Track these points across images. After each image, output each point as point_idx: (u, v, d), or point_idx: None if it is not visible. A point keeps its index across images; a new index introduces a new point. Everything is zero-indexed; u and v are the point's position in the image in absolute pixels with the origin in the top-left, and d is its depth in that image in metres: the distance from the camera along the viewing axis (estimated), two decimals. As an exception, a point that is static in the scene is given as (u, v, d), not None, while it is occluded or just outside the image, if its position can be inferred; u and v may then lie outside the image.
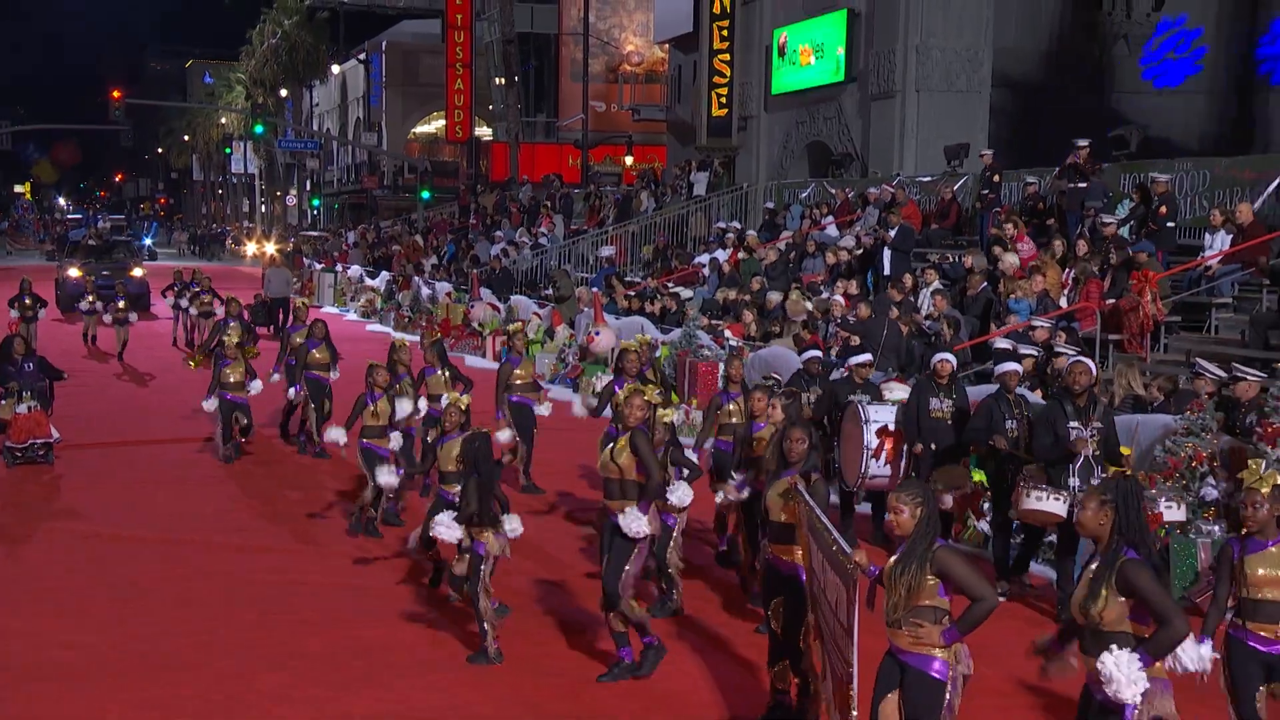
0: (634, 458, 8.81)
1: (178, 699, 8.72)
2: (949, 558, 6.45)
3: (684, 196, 33.92)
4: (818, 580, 7.64)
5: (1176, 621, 5.81)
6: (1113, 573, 5.92)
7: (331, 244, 51.90)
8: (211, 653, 9.63)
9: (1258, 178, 17.82)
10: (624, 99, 52.09)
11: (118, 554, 12.41)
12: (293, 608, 10.72)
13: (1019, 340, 14.79)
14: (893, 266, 19.76)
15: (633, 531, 8.69)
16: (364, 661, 9.46)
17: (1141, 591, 5.85)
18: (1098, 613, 5.93)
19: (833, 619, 7.12)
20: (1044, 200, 20.46)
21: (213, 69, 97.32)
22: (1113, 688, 5.76)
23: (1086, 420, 10.23)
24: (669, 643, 9.42)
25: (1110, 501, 6.04)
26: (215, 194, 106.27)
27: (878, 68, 29.63)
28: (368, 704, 8.69)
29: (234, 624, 10.29)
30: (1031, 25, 31.93)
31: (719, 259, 25.05)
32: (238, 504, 14.53)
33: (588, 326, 23.11)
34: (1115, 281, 16.32)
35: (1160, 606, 5.84)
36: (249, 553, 12.47)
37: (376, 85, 70.29)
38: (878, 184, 25.34)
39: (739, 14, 35.59)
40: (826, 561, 7.28)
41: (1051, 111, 30.46)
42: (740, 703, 8.75)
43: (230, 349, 16.38)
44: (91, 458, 16.64)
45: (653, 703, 8.76)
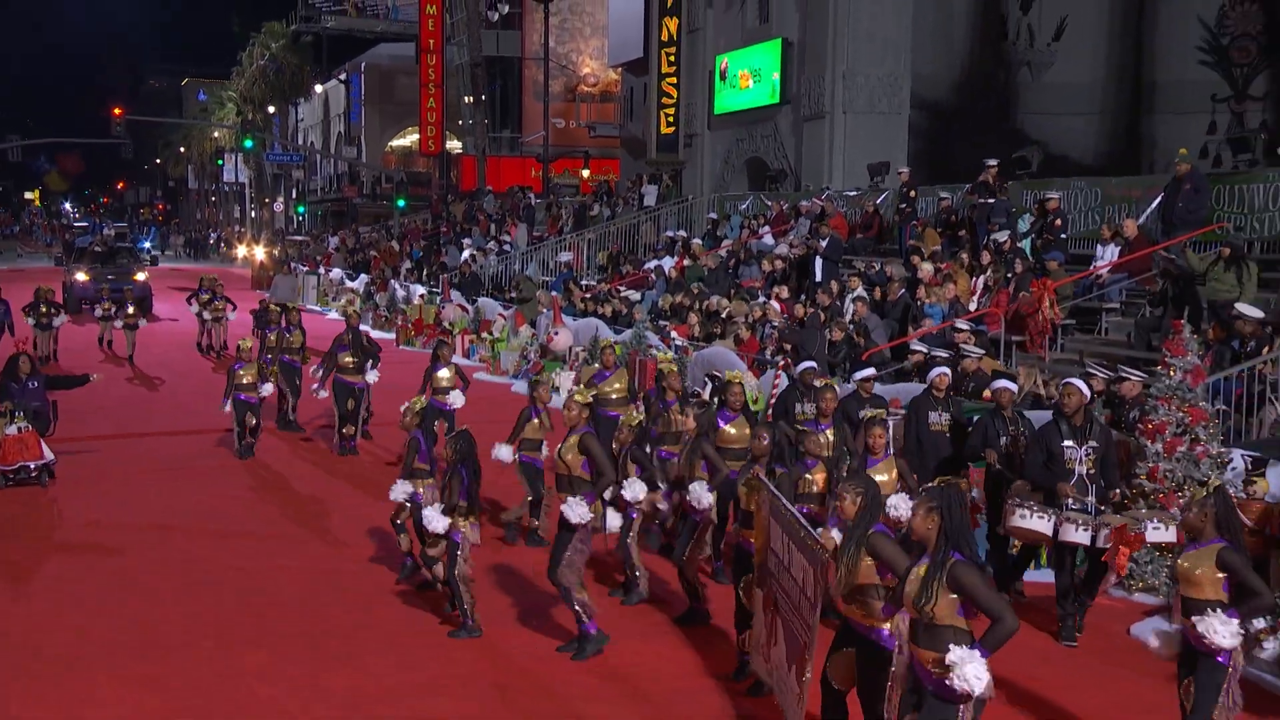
0: (581, 456, 9.06)
1: (165, 677, 8.68)
2: (879, 541, 6.67)
3: (635, 207, 33.92)
4: (776, 558, 7.89)
5: (1007, 617, 5.81)
6: (943, 573, 5.89)
7: (314, 248, 51.56)
8: (196, 634, 9.57)
9: (1143, 195, 18.01)
10: (581, 117, 51.99)
11: (113, 539, 12.34)
12: (272, 592, 10.67)
13: (933, 343, 14.96)
14: (823, 274, 19.81)
15: (572, 518, 8.87)
16: (340, 642, 9.43)
17: (970, 590, 5.84)
18: (930, 609, 5.91)
19: (799, 594, 7.33)
20: (956, 214, 20.59)
21: (206, 87, 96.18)
22: (960, 679, 5.72)
23: (1083, 440, 9.62)
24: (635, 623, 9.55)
25: (936, 508, 5.99)
26: (209, 201, 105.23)
27: (809, 91, 29.72)
28: (345, 681, 8.68)
29: (217, 607, 10.24)
30: (945, 53, 32.01)
31: (665, 266, 25.10)
32: (229, 494, 14.44)
33: (548, 327, 23.13)
34: (1017, 289, 16.50)
35: (989, 604, 5.84)
36: (232, 538, 12.40)
37: (356, 103, 70.07)
38: (809, 197, 25.40)
39: (685, 41, 35.62)
40: (793, 544, 7.49)
41: (963, 132, 30.53)
42: (712, 667, 8.96)
43: (244, 352, 16.28)
44: (94, 452, 16.40)
45: (608, 675, 8.82)
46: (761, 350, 17.55)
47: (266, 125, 75.15)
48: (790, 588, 7.58)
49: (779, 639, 7.85)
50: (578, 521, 8.91)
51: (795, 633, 7.48)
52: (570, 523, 8.93)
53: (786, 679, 7.61)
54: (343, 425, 16.40)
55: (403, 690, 8.53)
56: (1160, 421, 10.46)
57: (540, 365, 22.53)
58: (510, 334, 25.05)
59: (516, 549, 12.02)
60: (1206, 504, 6.74)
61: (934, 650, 5.87)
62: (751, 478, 8.64)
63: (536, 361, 22.93)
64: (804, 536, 7.27)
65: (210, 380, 21.77)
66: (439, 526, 9.34)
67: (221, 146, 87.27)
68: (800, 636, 7.33)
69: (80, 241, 46.61)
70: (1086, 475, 9.59)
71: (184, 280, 47.14)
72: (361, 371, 16.37)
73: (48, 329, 25.14)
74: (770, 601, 8.10)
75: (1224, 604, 6.54)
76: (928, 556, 6.00)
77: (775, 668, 7.98)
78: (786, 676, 7.60)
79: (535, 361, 23.00)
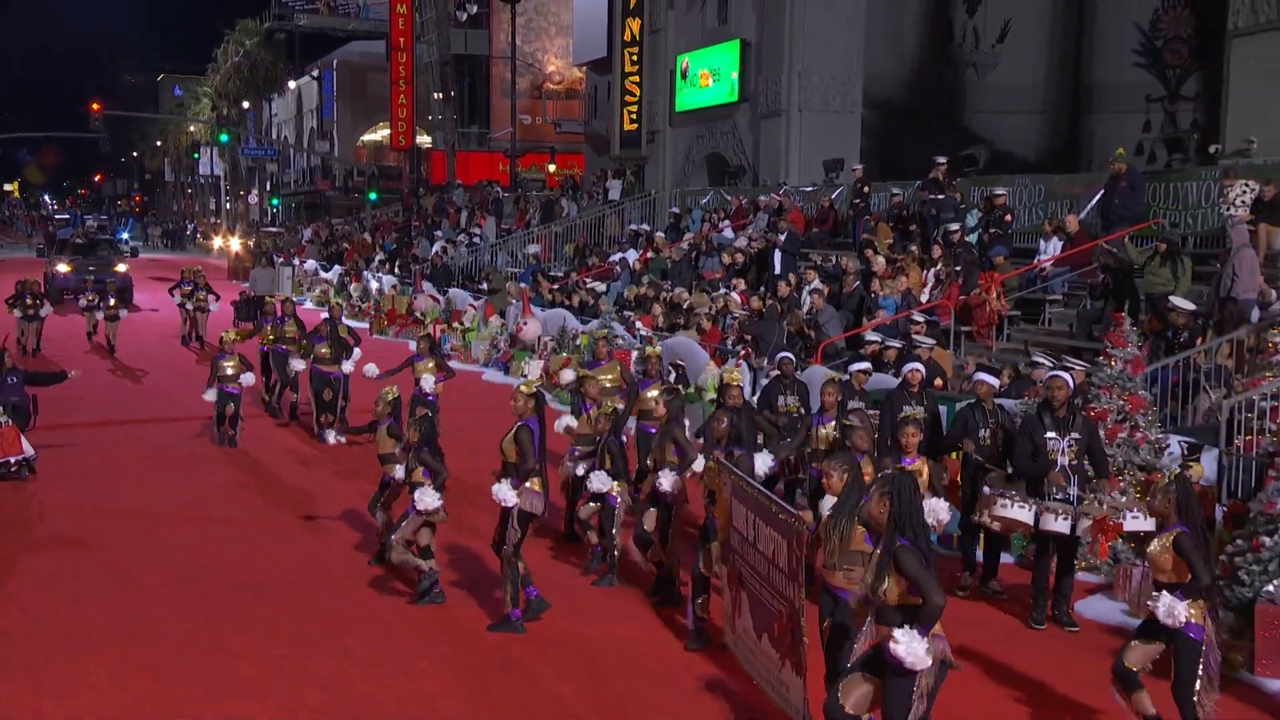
0: (515, 446, 9.25)
1: (155, 661, 8.65)
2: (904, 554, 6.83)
3: (600, 201, 33.93)
4: (740, 536, 8.11)
5: (935, 597, 5.90)
6: (890, 559, 5.99)
7: (289, 240, 51.21)
8: (183, 618, 9.53)
9: (1084, 192, 18.18)
10: (547, 114, 51.94)
11: (98, 526, 12.25)
12: (256, 577, 10.64)
13: (887, 333, 15.08)
14: (782, 266, 19.87)
15: (498, 498, 9.15)
16: (323, 624, 9.43)
17: (908, 573, 5.92)
18: (883, 591, 6.01)
19: (768, 566, 7.53)
20: (908, 209, 20.71)
21: (182, 82, 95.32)
22: (901, 656, 5.86)
23: (1065, 431, 9.48)
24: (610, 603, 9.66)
25: (888, 494, 6.06)
26: (185, 193, 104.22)
27: (766, 90, 29.76)
28: (330, 662, 8.67)
29: (203, 592, 10.20)
30: (896, 54, 32.13)
31: (630, 258, 25.13)
32: (212, 481, 14.36)
33: (517, 317, 23.14)
34: (965, 281, 16.65)
35: (922, 586, 5.91)
36: (214, 525, 12.34)
37: (328, 99, 69.54)
38: (767, 192, 25.48)
39: (647, 41, 35.58)
40: (760, 519, 7.68)
41: (913, 129, 30.65)
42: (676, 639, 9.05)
43: (227, 344, 16.17)
44: (75, 446, 16.17)
45: (582, 654, 8.87)
46: (723, 340, 17.64)
47: (241, 120, 74.64)
48: (757, 561, 7.74)
49: (744, 611, 8.09)
50: (503, 502, 9.17)
51: (764, 603, 7.65)
52: (503, 505, 9.20)
53: (757, 646, 7.80)
54: (320, 414, 16.34)
55: (385, 671, 8.52)
56: (1102, 409, 10.60)
57: (510, 354, 22.56)
58: (480, 324, 25.03)
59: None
60: (1169, 491, 7.04)
61: (889, 627, 6.00)
62: (713, 461, 8.86)
63: (506, 350, 22.94)
64: (776, 511, 7.45)
65: (193, 371, 21.63)
66: (434, 504, 9.57)
67: (197, 140, 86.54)
68: (771, 606, 7.51)
69: (62, 233, 46.01)
70: (1069, 465, 9.49)
71: (163, 271, 46.66)
72: (338, 362, 16.34)
73: (33, 320, 24.83)
74: (735, 576, 8.28)
75: (1181, 585, 6.79)
76: (880, 545, 6.13)
77: (741, 637, 8.17)
78: (757, 644, 7.79)
79: (505, 350, 23.01)
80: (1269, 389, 10.35)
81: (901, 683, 5.99)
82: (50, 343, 25.57)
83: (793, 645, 7.22)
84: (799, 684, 7.22)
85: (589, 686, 8.27)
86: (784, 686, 7.44)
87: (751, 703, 7.93)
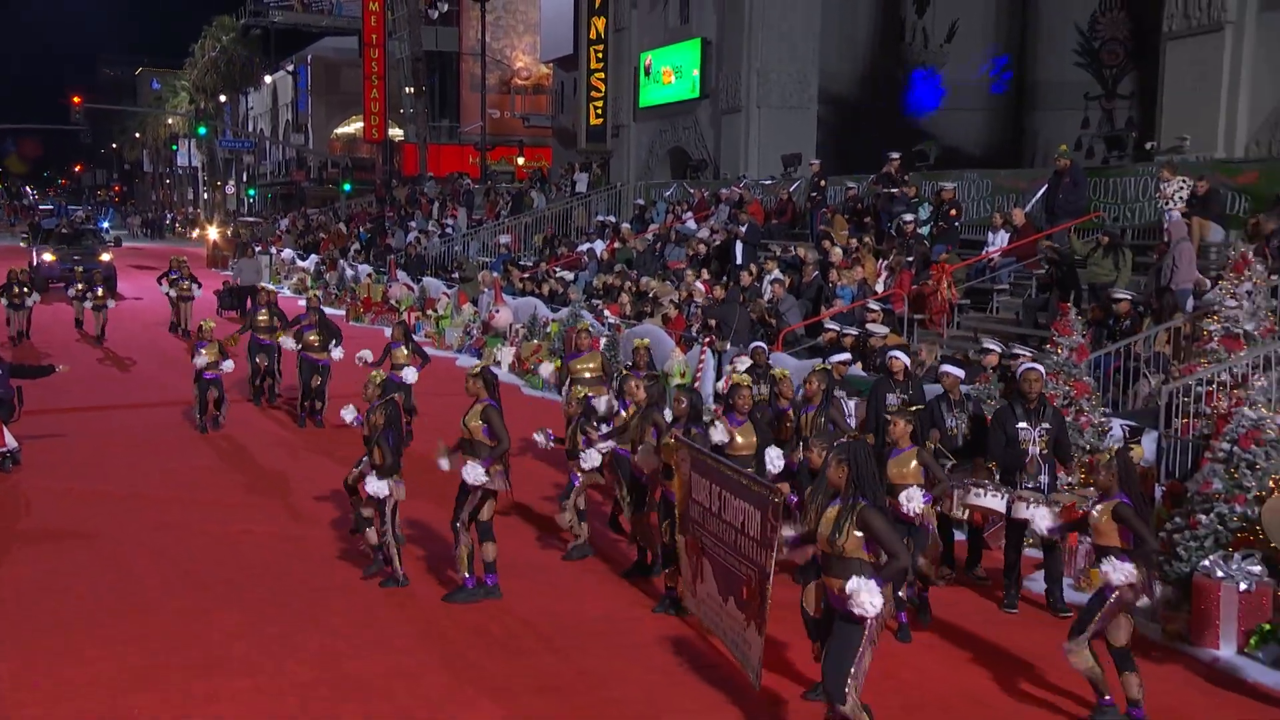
0: (482, 423, 9.29)
1: (145, 637, 8.60)
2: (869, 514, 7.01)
3: (568, 193, 33.82)
4: (701, 507, 8.31)
5: (901, 555, 6.31)
6: (852, 515, 6.31)
7: (266, 229, 50.73)
8: (171, 595, 9.48)
9: (1029, 186, 18.32)
10: (516, 108, 51.69)
11: (87, 507, 12.14)
12: (242, 556, 10.58)
13: (844, 321, 15.16)
14: (743, 256, 19.90)
15: (469, 479, 9.17)
16: (307, 602, 9.39)
17: (874, 530, 6.27)
18: (841, 544, 6.33)
19: (735, 535, 7.72)
20: (862, 202, 20.79)
21: (160, 76, 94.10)
22: (858, 604, 6.14)
23: (1036, 421, 9.42)
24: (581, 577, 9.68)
25: (845, 460, 6.39)
26: (164, 183, 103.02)
27: (726, 87, 29.77)
28: (314, 638, 8.65)
29: (190, 570, 10.14)
30: (849, 52, 32.19)
31: (597, 248, 25.10)
32: (197, 464, 14.25)
33: (489, 305, 23.07)
34: (917, 271, 16.75)
35: (889, 543, 6.29)
36: (201, 507, 12.25)
37: (303, 93, 68.91)
38: (728, 185, 25.52)
39: (612, 40, 35.49)
40: (727, 492, 7.89)
41: (866, 125, 30.77)
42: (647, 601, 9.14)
43: (206, 332, 16.02)
44: (62, 436, 15.88)
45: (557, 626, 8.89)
46: (688, 328, 17.67)
47: (218, 113, 73.81)
48: (722, 531, 7.94)
49: (705, 576, 8.30)
50: (474, 483, 9.21)
51: (730, 569, 7.84)
52: (469, 484, 9.23)
53: (723, 608, 8.00)
54: (305, 399, 16.29)
55: (368, 647, 8.50)
56: (1049, 394, 10.68)
57: (483, 341, 22.49)
58: (454, 311, 24.93)
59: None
60: (1111, 465, 7.42)
61: (842, 579, 6.29)
62: (671, 438, 8.97)
63: (479, 337, 22.87)
64: (748, 484, 7.69)
65: (179, 358, 21.39)
66: (381, 491, 9.51)
67: (175, 132, 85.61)
68: (738, 571, 7.70)
69: (46, 223, 45.34)
70: (1040, 455, 9.41)
71: (144, 259, 46.20)
72: (326, 349, 16.27)
73: (20, 309, 24.47)
74: (695, 546, 8.46)
75: (1124, 550, 7.12)
76: (839, 500, 6.43)
77: (705, 600, 8.38)
78: (722, 607, 7.99)
79: (478, 337, 22.94)
80: (1204, 375, 10.49)
81: (852, 629, 6.27)
82: (38, 331, 25.24)
83: (759, 607, 7.40)
84: (759, 643, 7.42)
85: (567, 661, 8.30)
86: (746, 645, 7.64)
87: (723, 674, 7.99)
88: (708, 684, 7.92)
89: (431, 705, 7.55)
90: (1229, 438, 9.10)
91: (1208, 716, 7.65)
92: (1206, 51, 19.03)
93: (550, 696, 7.66)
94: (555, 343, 19.59)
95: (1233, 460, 9.01)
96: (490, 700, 7.60)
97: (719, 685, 7.89)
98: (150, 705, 7.49)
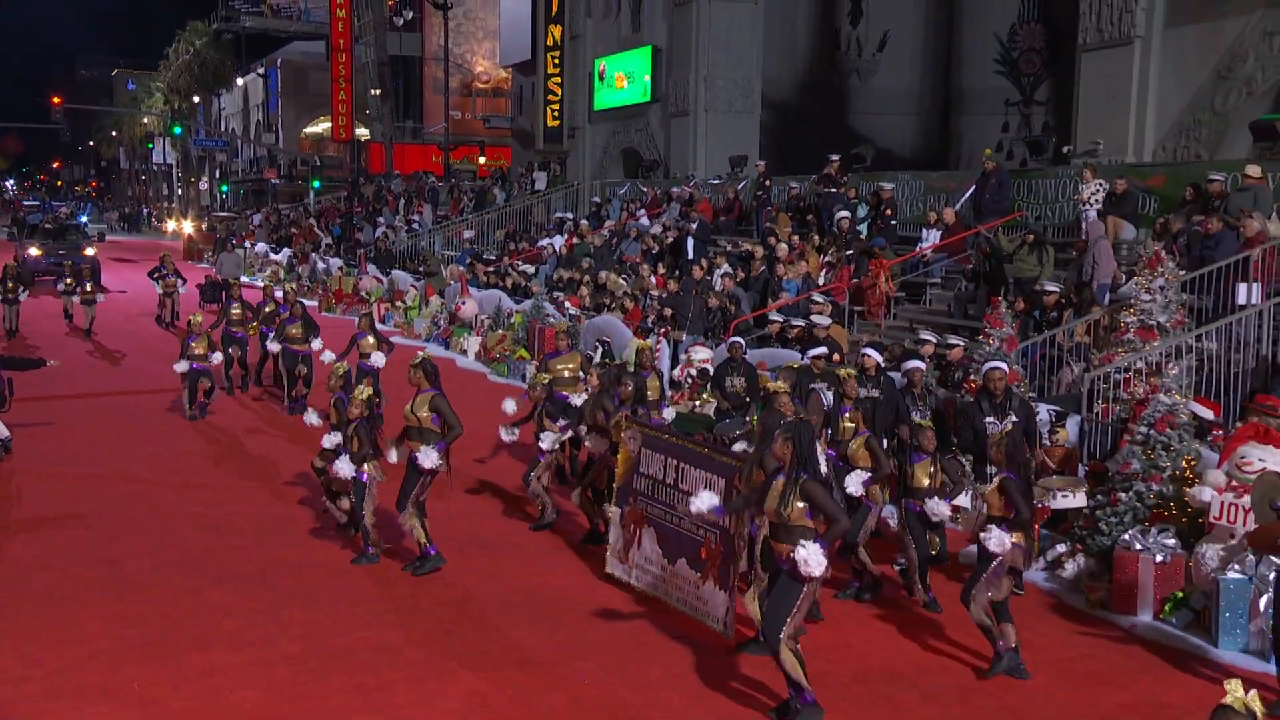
0: (431, 412, 9.38)
1: (140, 613, 8.49)
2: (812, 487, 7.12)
3: (528, 191, 33.65)
4: (647, 479, 8.65)
5: (841, 519, 6.68)
6: (797, 487, 6.61)
7: (240, 224, 50.00)
8: (163, 573, 9.36)
9: (958, 187, 18.48)
10: (477, 110, 51.40)
11: (81, 491, 11.94)
12: (230, 536, 10.48)
13: (790, 313, 15.23)
14: (694, 251, 19.94)
15: (425, 464, 9.27)
16: (293, 579, 9.31)
17: (816, 500, 6.59)
18: (788, 514, 6.63)
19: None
20: (804, 201, 20.88)
21: (135, 77, 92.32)
22: (805, 566, 6.46)
23: (1003, 415, 9.35)
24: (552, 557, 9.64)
25: (790, 438, 6.70)
26: (139, 179, 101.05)
27: (675, 92, 29.75)
28: (300, 613, 8.58)
29: (181, 549, 10.02)
30: (790, 60, 32.32)
31: (556, 244, 25.02)
32: (185, 450, 14.04)
33: (455, 297, 22.93)
34: (857, 266, 16.86)
35: (830, 511, 6.61)
36: (189, 490, 12.09)
37: (273, 94, 67.97)
38: (679, 184, 25.53)
39: (568, 46, 35.35)
40: (686, 464, 8.24)
41: (806, 129, 30.94)
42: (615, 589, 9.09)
43: (195, 326, 15.78)
44: (59, 414, 15.78)
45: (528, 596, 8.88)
46: (644, 319, 17.67)
47: (192, 113, 72.81)
48: (676, 500, 8.29)
49: (643, 543, 8.68)
50: (430, 467, 9.29)
51: (682, 534, 8.24)
52: (423, 468, 9.30)
53: (668, 570, 8.45)
54: (292, 387, 16.17)
55: (353, 621, 8.46)
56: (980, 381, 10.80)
57: (450, 331, 22.36)
58: (421, 303, 24.76)
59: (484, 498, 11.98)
60: (1001, 444, 7.72)
61: (789, 544, 6.62)
62: (621, 417, 9.25)
63: (446, 327, 22.73)
64: (709, 454, 8.08)
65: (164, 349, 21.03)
66: (346, 473, 9.64)
67: (151, 131, 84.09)
68: (693, 535, 8.11)
69: (31, 218, 44.31)
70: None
71: (123, 252, 45.41)
72: (308, 341, 16.13)
73: (14, 303, 23.87)
74: (637, 516, 8.74)
75: (1005, 519, 7.44)
76: (783, 474, 6.71)
77: (639, 565, 8.79)
78: (668, 569, 8.44)
79: (445, 327, 22.80)
80: (1122, 363, 10.65)
81: (793, 585, 6.60)
82: (26, 324, 24.69)
83: (723, 565, 7.75)
84: (722, 597, 7.72)
85: (541, 633, 8.30)
86: (701, 601, 7.98)
87: (683, 635, 8.04)
88: (670, 650, 7.96)
89: (414, 677, 7.52)
90: (1146, 422, 9.26)
91: (1128, 676, 7.79)
92: (1117, 63, 19.30)
93: (528, 669, 7.66)
94: (519, 333, 19.53)
95: (1149, 442, 9.18)
96: (470, 672, 7.59)
97: (680, 648, 7.94)
98: (149, 678, 7.41)
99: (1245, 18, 18.02)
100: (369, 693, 7.26)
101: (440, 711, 7.00)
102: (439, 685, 7.40)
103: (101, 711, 6.96)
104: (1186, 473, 9.04)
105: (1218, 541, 8.44)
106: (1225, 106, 18.37)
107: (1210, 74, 18.52)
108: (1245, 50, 18.11)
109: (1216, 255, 12.36)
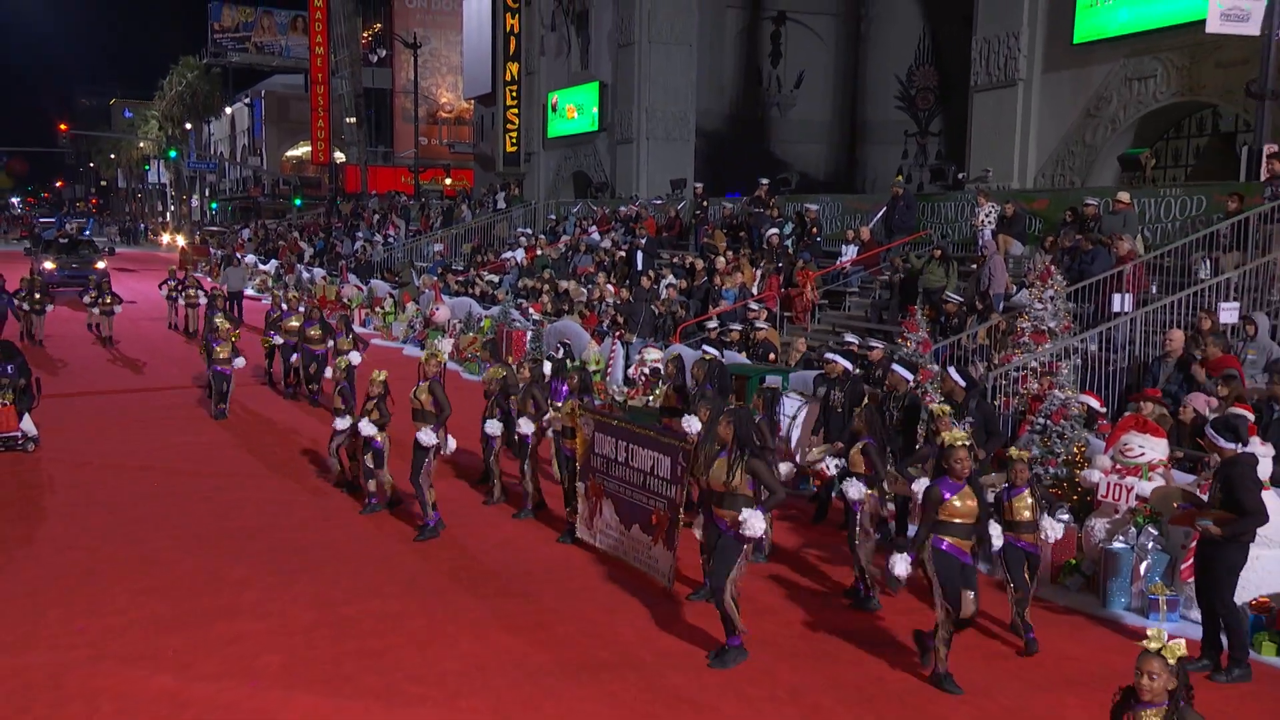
0: (430, 397, 9.60)
1: (166, 587, 8.33)
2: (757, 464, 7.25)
3: (490, 209, 33.42)
4: (603, 459, 8.86)
5: (779, 490, 6.93)
6: (741, 461, 6.85)
7: (230, 237, 49.04)
8: (184, 552, 9.17)
9: (871, 208, 18.71)
10: (442, 137, 50.98)
11: (103, 477, 11.69)
12: (242, 517, 10.30)
13: (728, 319, 15.28)
14: (643, 264, 19.96)
15: (423, 441, 9.49)
16: (302, 556, 9.16)
17: (759, 475, 6.85)
18: (734, 484, 6.88)
19: (644, 477, 8.33)
20: (737, 219, 20.97)
21: (132, 106, 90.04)
22: (748, 529, 6.71)
23: (962, 415, 8.76)
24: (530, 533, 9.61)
25: (731, 421, 6.93)
26: (135, 197, 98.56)
27: (620, 122, 29.77)
28: (310, 586, 8.47)
29: (199, 529, 9.83)
30: (719, 94, 32.52)
31: (518, 256, 24.87)
32: (200, 441, 13.76)
33: (429, 304, 22.69)
34: (785, 277, 16.98)
35: (769, 482, 6.88)
36: (205, 477, 11.86)
37: (258, 121, 67.00)
38: (626, 204, 25.52)
39: (524, 81, 35.21)
40: (635, 445, 8.44)
41: (734, 156, 31.16)
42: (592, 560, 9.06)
43: (222, 331, 15.42)
44: (82, 409, 15.39)
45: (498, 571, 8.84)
46: (600, 323, 17.64)
47: (184, 138, 71.39)
48: (629, 475, 8.52)
49: (604, 512, 8.89)
50: (427, 444, 9.52)
51: (636, 504, 8.44)
52: (424, 445, 9.53)
53: (625, 534, 8.61)
54: (309, 383, 16.10)
55: (358, 593, 8.36)
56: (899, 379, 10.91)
57: (424, 334, 22.12)
58: (398, 309, 24.48)
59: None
60: (862, 416, 8.25)
61: (732, 510, 6.86)
62: (574, 404, 9.42)
63: (421, 330, 22.50)
64: (655, 435, 8.35)
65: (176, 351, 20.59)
66: (369, 432, 9.98)
67: (147, 155, 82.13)
68: (645, 505, 8.32)
69: (46, 234, 42.79)
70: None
71: (125, 263, 44.26)
72: (324, 342, 15.94)
73: (42, 313, 22.85)
74: (598, 490, 8.95)
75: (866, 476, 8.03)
76: (725, 452, 6.96)
77: (601, 530, 8.96)
78: (625, 533, 8.61)
79: (420, 330, 22.56)
80: (1019, 363, 10.85)
81: (735, 545, 6.86)
82: (51, 334, 23.73)
83: (669, 530, 8.00)
84: (669, 555, 8.04)
85: (529, 602, 8.26)
86: (653, 559, 8.25)
87: (649, 600, 8.06)
88: (640, 614, 7.98)
89: (418, 643, 7.44)
90: (1044, 414, 9.44)
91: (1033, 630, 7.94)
92: (1003, 102, 19.70)
93: (522, 635, 7.62)
94: (489, 334, 19.38)
95: (1046, 432, 9.36)
96: (469, 639, 7.54)
97: (649, 612, 7.96)
98: (182, 645, 7.28)
99: (1110, 64, 18.51)
100: (378, 654, 7.18)
101: (441, 672, 6.96)
102: (441, 651, 7.34)
103: (144, 674, 6.84)
104: (1077, 457, 9.22)
105: (1105, 516, 8.63)
106: (1094, 140, 18.85)
107: (1081, 112, 18.99)
108: (1110, 92, 18.60)
109: (1093, 270, 12.65)
